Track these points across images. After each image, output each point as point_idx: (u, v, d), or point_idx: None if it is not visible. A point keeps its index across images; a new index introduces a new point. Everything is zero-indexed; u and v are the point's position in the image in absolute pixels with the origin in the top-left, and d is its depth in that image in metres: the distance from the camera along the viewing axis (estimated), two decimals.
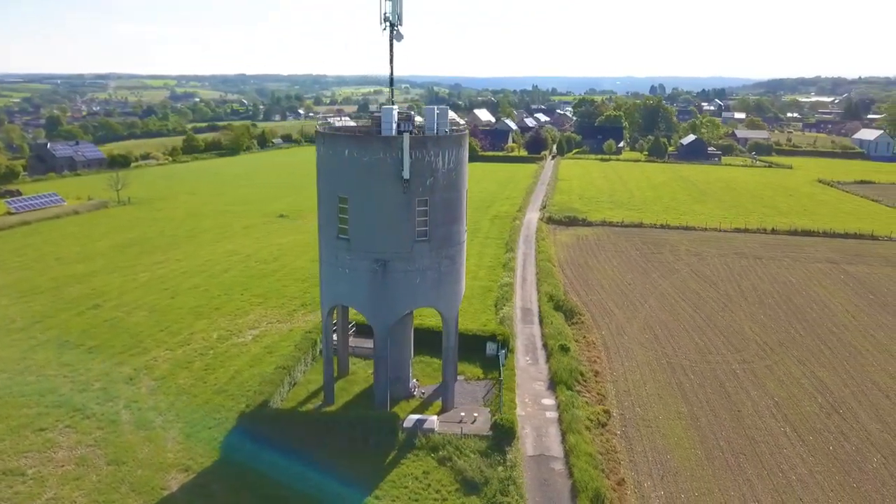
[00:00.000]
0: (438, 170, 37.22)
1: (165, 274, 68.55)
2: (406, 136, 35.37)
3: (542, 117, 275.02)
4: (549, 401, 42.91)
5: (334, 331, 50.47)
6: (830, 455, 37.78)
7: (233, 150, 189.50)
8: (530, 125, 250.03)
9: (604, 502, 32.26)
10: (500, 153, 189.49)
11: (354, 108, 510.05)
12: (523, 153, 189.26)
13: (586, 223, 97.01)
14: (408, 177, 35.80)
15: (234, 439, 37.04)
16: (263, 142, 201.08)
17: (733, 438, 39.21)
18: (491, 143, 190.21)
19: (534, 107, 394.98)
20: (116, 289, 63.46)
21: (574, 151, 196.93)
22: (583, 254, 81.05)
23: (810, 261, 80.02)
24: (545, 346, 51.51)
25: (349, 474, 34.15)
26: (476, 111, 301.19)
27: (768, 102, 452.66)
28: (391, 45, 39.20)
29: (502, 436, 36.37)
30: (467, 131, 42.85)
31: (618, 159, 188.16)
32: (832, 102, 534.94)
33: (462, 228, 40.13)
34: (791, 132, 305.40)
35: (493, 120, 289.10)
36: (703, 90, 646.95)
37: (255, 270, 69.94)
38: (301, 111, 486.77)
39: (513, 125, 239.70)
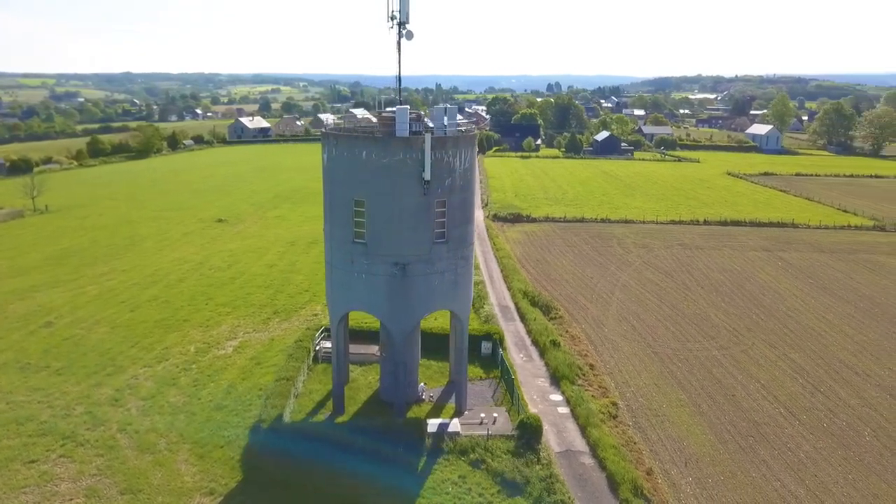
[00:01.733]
0: (456, 170, 36.87)
1: (116, 286, 64.32)
2: (428, 137, 34.79)
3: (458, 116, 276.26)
4: (556, 396, 43.39)
5: (323, 338, 49.25)
6: (826, 432, 40.21)
7: (142, 152, 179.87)
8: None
9: (642, 492, 33.05)
10: None
11: (255, 106, 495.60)
12: None
13: (531, 220, 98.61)
14: (429, 178, 35.22)
15: (253, 456, 35.29)
16: (174, 143, 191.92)
17: (737, 422, 41.02)
18: None
19: (444, 105, 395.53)
20: (66, 304, 58.99)
21: (494, 149, 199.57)
22: (537, 250, 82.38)
23: (746, 249, 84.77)
24: (534, 342, 52.01)
25: (386, 484, 33.30)
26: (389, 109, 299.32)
27: (662, 99, 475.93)
28: (399, 45, 38.41)
29: (529, 434, 36.43)
30: (477, 131, 42.41)
31: (537, 156, 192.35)
32: (716, 99, 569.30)
33: (473, 228, 39.88)
34: (687, 128, 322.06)
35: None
36: (599, 88, 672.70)
37: (213, 279, 66.82)
38: (199, 111, 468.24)
39: (430, 124, 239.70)
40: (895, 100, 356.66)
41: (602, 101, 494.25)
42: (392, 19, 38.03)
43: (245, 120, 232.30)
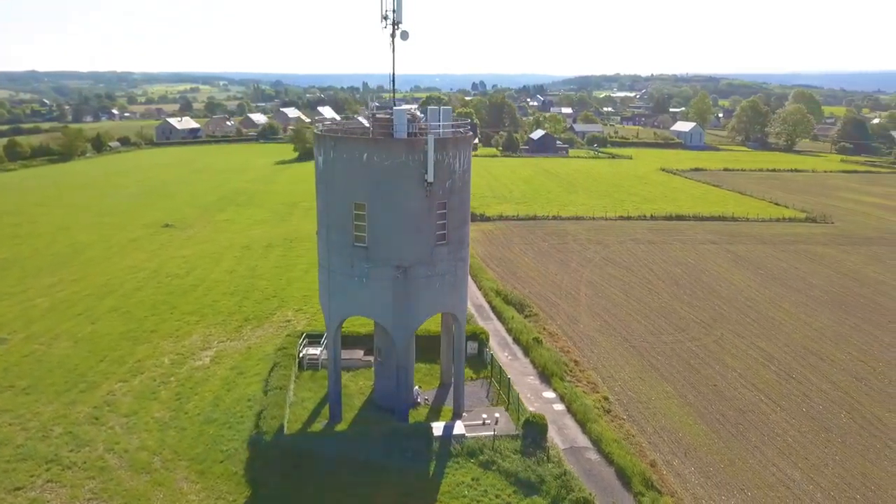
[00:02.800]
0: (456, 171, 36.68)
1: (69, 297, 60.91)
2: (431, 138, 34.45)
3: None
4: (549, 394, 43.81)
5: (308, 344, 48.12)
6: (807, 416, 42.17)
7: (65, 155, 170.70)
8: None
9: (652, 484, 33.81)
10: None
11: (176, 106, 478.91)
12: None
13: (485, 218, 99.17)
14: (432, 180, 34.90)
15: (259, 469, 34.11)
16: (100, 145, 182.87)
17: (724, 411, 42.48)
18: None
19: (374, 104, 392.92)
20: (17, 318, 55.47)
21: None
22: (497, 248, 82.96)
23: (696, 242, 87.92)
24: (516, 340, 52.35)
25: (401, 490, 32.88)
26: (320, 108, 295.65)
27: (587, 97, 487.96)
28: (393, 45, 37.86)
29: (536, 433, 36.64)
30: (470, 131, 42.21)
31: (476, 155, 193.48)
32: (636, 97, 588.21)
33: (469, 230, 39.75)
34: (614, 125, 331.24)
35: (337, 118, 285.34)
36: (525, 86, 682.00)
37: (173, 287, 64.19)
38: (115, 111, 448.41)
39: (366, 123, 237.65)
40: (802, 97, 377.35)
41: (528, 99, 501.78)
42: (385, 19, 37.46)
43: (173, 120, 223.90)
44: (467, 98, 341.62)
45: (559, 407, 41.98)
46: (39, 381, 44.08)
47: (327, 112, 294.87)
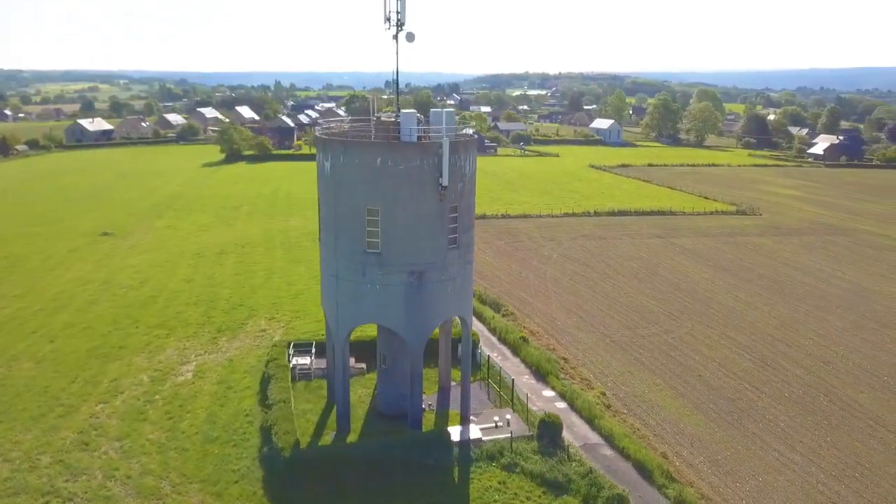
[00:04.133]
0: (466, 174, 36.56)
1: (17, 314, 56.68)
2: (446, 142, 34.11)
3: (313, 114, 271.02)
4: (548, 392, 44.25)
5: (296, 354, 46.68)
6: (790, 401, 44.39)
7: None
8: (305, 122, 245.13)
9: (671, 475, 34.79)
10: (291, 151, 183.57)
11: (76, 106, 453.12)
12: (313, 150, 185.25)
13: None
14: (447, 183, 34.57)
15: (279, 488, 32.86)
16: (6, 149, 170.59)
17: (716, 400, 44.14)
18: (279, 141, 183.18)
19: (291, 103, 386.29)
20: None
21: None
22: None
23: (643, 237, 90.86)
24: (502, 340, 52.58)
25: (431, 499, 32.45)
26: (238, 108, 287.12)
27: (503, 96, 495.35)
28: (396, 46, 37.16)
29: (552, 433, 36.91)
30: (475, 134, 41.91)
31: None
32: (547, 95, 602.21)
33: (474, 232, 39.62)
34: (534, 123, 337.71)
35: (256, 117, 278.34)
36: (439, 85, 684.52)
37: (130, 299, 60.82)
38: (8, 111, 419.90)
39: (290, 122, 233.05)
40: (706, 95, 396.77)
41: (445, 98, 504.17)
42: (388, 20, 36.77)
43: (84, 122, 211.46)
44: (383, 97, 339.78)
45: (561, 405, 42.47)
46: (10, 407, 40.83)
47: (245, 112, 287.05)
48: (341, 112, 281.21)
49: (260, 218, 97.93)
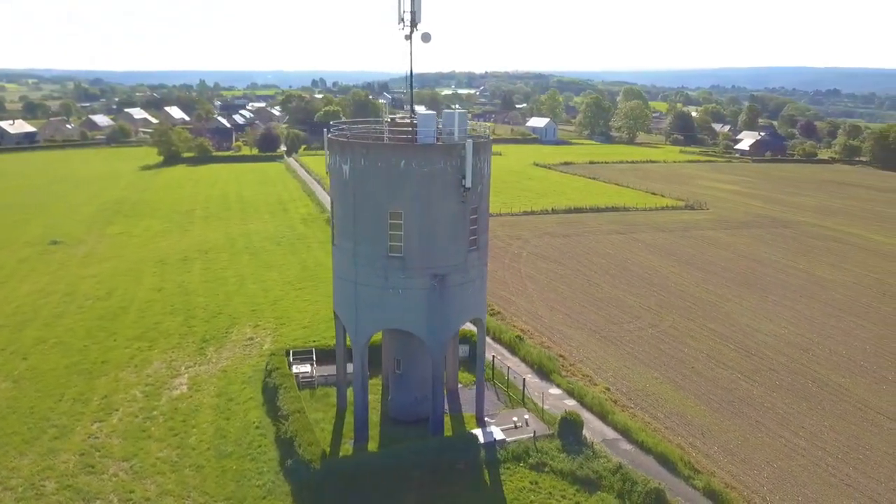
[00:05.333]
0: (485, 176, 36.52)
1: None
2: (469, 143, 33.91)
3: (247, 114, 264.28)
4: (554, 390, 44.58)
5: (295, 361, 45.48)
6: (782, 388, 46.24)
7: None
8: (240, 122, 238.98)
9: (692, 464, 35.73)
10: (230, 153, 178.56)
11: None
12: (254, 152, 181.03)
13: None
14: (470, 185, 34.38)
15: (310, 502, 31.93)
16: None
17: (714, 391, 45.52)
18: (218, 143, 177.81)
19: (218, 103, 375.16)
20: None
21: (303, 148, 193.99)
22: None
23: (603, 233, 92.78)
24: (496, 339, 52.61)
25: (468, 502, 32.22)
26: (167, 109, 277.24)
27: (436, 95, 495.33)
28: (410, 47, 36.63)
29: (574, 430, 37.24)
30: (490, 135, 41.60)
31: None
32: (476, 94, 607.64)
33: (488, 234, 39.53)
34: (470, 122, 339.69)
35: (186, 118, 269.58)
36: (369, 83, 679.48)
37: (99, 310, 57.82)
38: None
39: (226, 123, 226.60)
40: (632, 94, 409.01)
41: (376, 96, 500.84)
42: (402, 20, 36.20)
43: (4, 124, 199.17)
44: (318, 96, 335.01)
45: (570, 402, 42.87)
46: None
47: (175, 113, 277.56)
48: (276, 112, 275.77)
49: (216, 222, 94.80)
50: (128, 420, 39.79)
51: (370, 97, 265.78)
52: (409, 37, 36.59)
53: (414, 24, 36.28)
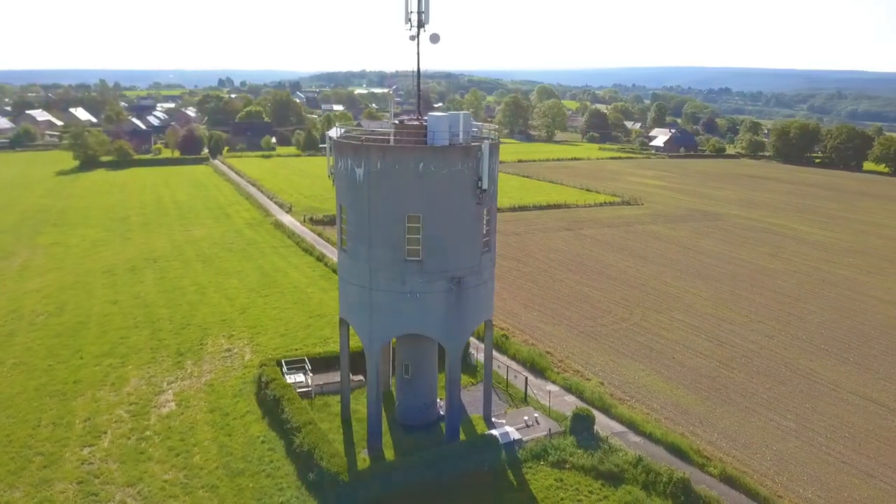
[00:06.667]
0: (495, 178, 36.45)
1: None
2: (486, 145, 33.86)
3: (161, 115, 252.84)
4: (551, 387, 45.08)
5: (287, 371, 44.10)
6: (759, 373, 48.56)
7: None
8: (156, 124, 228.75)
9: (701, 451, 37.07)
10: (150, 156, 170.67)
11: None
12: (176, 154, 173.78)
13: None
14: (487, 186, 34.32)
15: None
16: None
17: (699, 380, 47.29)
18: (137, 145, 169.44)
19: (124, 104, 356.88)
20: None
21: (226, 150, 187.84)
22: None
23: (553, 230, 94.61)
24: (481, 338, 52.66)
25: None
26: (73, 111, 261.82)
27: (352, 94, 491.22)
28: (418, 47, 36.11)
29: (587, 426, 37.81)
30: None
31: (279, 155, 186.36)
32: (391, 93, 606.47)
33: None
34: (392, 121, 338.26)
35: (93, 120, 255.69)
36: (280, 82, 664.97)
37: (55, 327, 54.03)
38: None
39: (141, 125, 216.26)
40: (546, 93, 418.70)
41: (290, 95, 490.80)
42: (409, 21, 35.71)
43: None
44: (232, 96, 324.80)
45: (570, 398, 43.51)
46: None
47: (81, 115, 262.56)
48: (191, 112, 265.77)
49: (157, 229, 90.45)
50: (120, 442, 37.44)
51: (290, 97, 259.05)
52: (415, 38, 36.10)
53: (421, 24, 35.84)
